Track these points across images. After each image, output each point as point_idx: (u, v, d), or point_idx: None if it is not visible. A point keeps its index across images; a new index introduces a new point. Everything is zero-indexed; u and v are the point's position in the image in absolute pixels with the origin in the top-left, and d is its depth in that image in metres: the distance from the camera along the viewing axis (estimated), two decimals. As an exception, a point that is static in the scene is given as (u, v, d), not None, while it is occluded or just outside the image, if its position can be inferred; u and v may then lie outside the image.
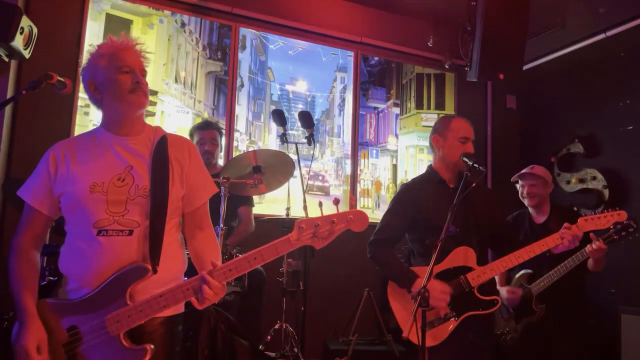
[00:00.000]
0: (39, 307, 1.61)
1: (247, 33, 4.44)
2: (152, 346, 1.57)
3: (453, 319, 2.40)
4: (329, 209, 1.61)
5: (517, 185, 3.35)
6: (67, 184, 1.65)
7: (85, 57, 1.77)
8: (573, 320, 3.04)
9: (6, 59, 3.26)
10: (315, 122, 4.22)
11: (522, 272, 3.12)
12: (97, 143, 1.73)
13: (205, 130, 3.55)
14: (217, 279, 1.56)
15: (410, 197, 2.61)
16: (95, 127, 3.69)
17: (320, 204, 1.71)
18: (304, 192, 3.34)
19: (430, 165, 2.73)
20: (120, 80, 1.68)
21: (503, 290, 3.14)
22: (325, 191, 4.57)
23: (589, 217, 2.48)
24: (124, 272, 1.57)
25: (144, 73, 1.74)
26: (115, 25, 3.95)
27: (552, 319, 3.00)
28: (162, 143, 1.74)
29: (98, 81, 1.71)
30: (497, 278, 3.21)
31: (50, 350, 1.58)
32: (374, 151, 4.80)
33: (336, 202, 1.77)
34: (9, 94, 3.38)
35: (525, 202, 3.29)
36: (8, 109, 3.46)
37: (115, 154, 1.70)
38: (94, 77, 1.72)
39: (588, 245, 2.81)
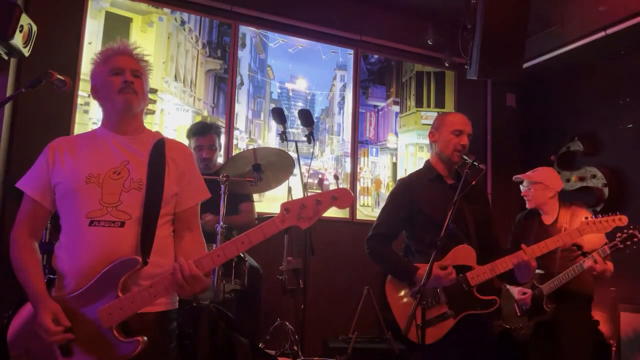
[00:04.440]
0: None
1: (247, 31, 4.43)
2: (145, 338, 1.58)
3: (451, 317, 2.40)
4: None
5: (521, 186, 3.37)
6: (64, 175, 1.69)
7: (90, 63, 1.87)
8: (582, 320, 3.07)
9: (6, 57, 3.26)
10: (315, 120, 4.21)
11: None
12: (97, 140, 1.79)
13: (204, 136, 3.42)
14: (205, 265, 1.59)
15: (407, 192, 2.60)
16: (95, 125, 3.73)
17: (306, 186, 1.72)
18: (304, 190, 3.34)
19: (428, 160, 2.71)
20: (111, 81, 1.75)
21: (514, 290, 3.15)
22: (319, 184, 4.56)
23: (590, 220, 2.55)
24: (115, 265, 1.59)
25: (137, 73, 1.78)
26: (115, 23, 3.95)
27: (562, 318, 3.02)
28: (160, 144, 1.80)
29: (96, 85, 1.81)
30: None
31: (45, 345, 1.59)
32: (374, 149, 4.80)
33: (321, 182, 1.79)
34: (9, 92, 3.39)
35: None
36: (8, 107, 3.46)
37: (113, 149, 1.75)
38: (94, 81, 1.82)
39: (586, 259, 2.85)
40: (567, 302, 3.01)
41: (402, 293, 2.49)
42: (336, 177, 3.42)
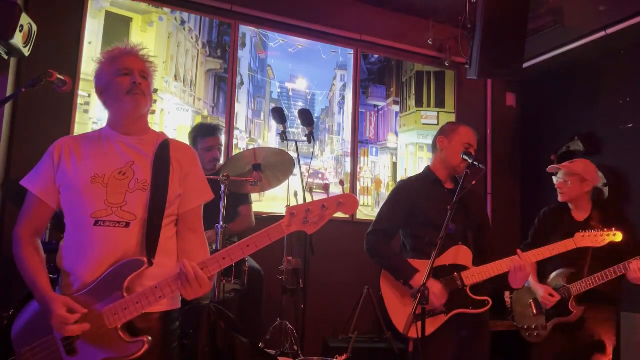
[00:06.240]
0: None
1: (247, 31, 4.43)
2: (150, 337, 1.59)
3: (443, 314, 2.43)
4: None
5: (554, 177, 3.14)
6: (69, 175, 1.69)
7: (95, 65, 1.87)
8: (609, 325, 2.90)
9: (6, 57, 3.25)
10: (315, 120, 4.21)
11: (562, 270, 2.96)
12: (102, 141, 1.78)
13: (214, 136, 3.50)
14: (211, 268, 1.60)
15: (407, 192, 2.67)
16: (95, 125, 3.73)
17: (311, 190, 1.75)
18: (304, 190, 3.34)
19: (428, 166, 2.79)
20: (119, 82, 1.74)
21: (540, 290, 2.96)
22: (325, 189, 4.57)
23: (586, 233, 2.60)
24: (120, 266, 1.60)
25: (144, 74, 1.79)
26: (115, 22, 3.95)
27: (588, 322, 2.86)
28: (165, 145, 1.81)
29: (102, 85, 1.79)
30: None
31: (49, 345, 1.60)
32: (374, 149, 4.80)
33: (326, 187, 1.82)
34: (9, 92, 3.38)
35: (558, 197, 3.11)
36: (8, 107, 3.46)
37: (118, 149, 1.76)
38: (99, 81, 1.80)
39: (632, 262, 2.68)
40: (596, 304, 2.85)
41: (396, 288, 2.52)
42: (342, 183, 3.48)
